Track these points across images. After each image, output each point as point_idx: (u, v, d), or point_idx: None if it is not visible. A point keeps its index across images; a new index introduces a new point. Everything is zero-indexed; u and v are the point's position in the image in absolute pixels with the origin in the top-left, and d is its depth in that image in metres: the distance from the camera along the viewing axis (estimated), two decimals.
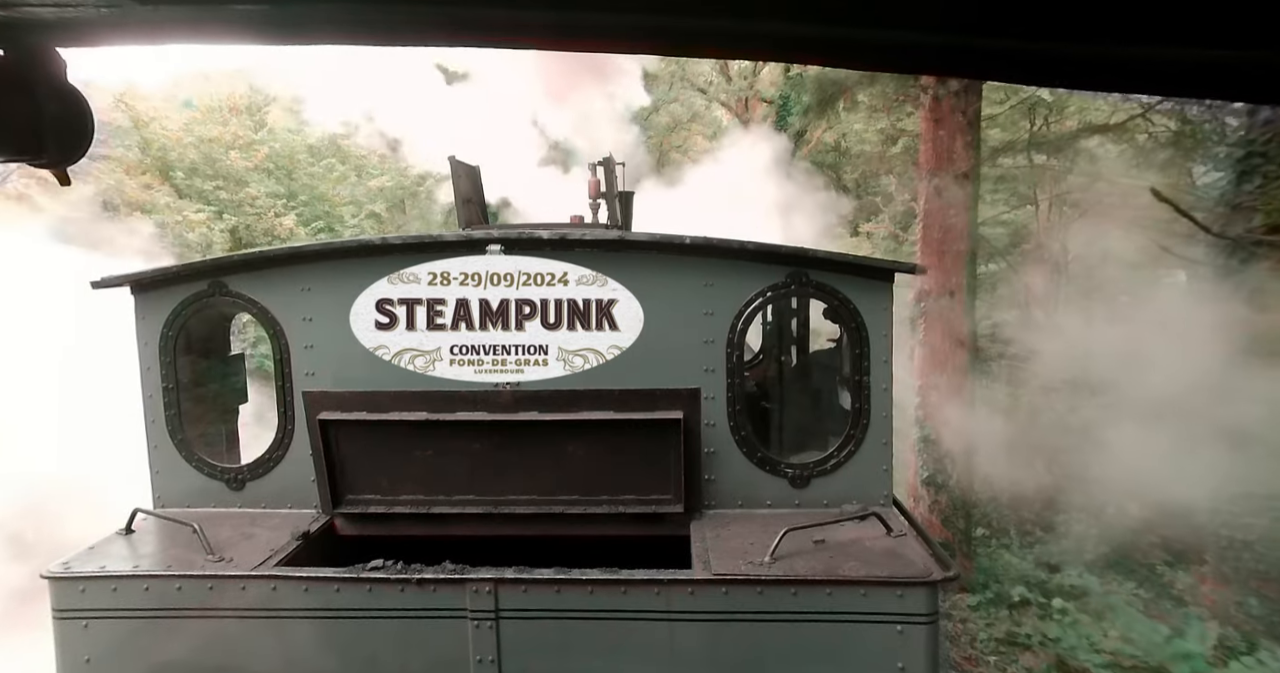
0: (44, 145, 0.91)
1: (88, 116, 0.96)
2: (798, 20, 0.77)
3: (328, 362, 4.14)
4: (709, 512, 4.06)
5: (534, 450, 4.03)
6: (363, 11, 0.85)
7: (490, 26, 0.85)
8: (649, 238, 4.13)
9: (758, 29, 0.80)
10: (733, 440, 4.07)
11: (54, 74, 0.91)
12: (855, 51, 0.91)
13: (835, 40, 0.82)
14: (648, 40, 0.91)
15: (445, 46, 0.91)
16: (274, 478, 4.25)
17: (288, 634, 3.44)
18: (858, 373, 4.04)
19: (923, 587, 3.25)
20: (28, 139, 0.91)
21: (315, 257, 4.15)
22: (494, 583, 3.36)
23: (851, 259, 4.12)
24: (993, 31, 0.76)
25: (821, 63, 0.96)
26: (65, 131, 0.94)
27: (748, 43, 0.90)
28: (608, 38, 0.89)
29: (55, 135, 0.92)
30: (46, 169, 0.96)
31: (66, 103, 0.93)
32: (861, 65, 1.03)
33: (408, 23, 0.87)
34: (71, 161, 0.97)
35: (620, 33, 0.84)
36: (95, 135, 0.96)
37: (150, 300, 4.24)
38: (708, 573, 3.36)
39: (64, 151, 0.94)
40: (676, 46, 0.94)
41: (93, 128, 0.98)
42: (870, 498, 4.01)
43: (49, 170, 0.96)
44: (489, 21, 0.83)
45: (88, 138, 0.97)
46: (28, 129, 0.90)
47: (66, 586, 3.51)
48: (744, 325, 4.05)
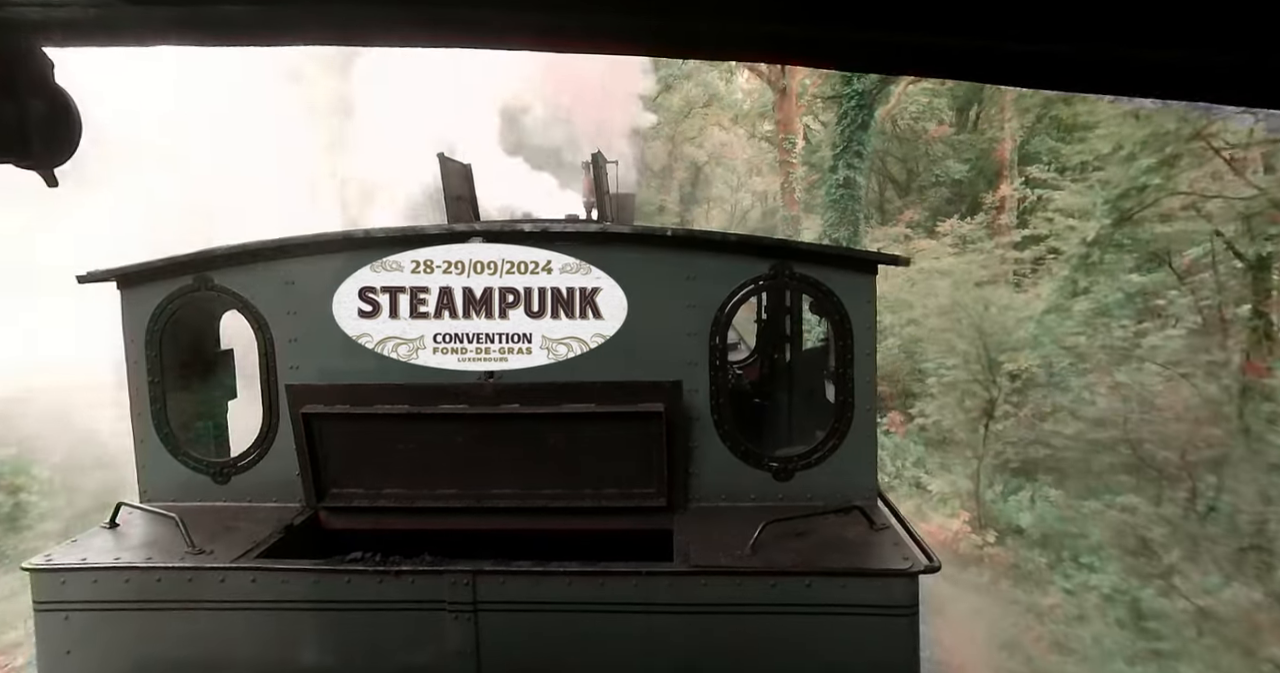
0: (30, 146, 0.91)
1: (75, 117, 0.96)
2: (792, 22, 0.77)
3: (311, 355, 4.13)
4: (692, 505, 4.08)
5: (516, 444, 4.04)
6: (353, 12, 0.85)
7: (481, 28, 0.85)
8: (631, 230, 4.15)
9: (753, 30, 0.80)
10: (716, 434, 4.09)
11: (41, 74, 0.90)
12: (855, 52, 0.91)
13: (828, 41, 0.82)
14: (637, 42, 0.91)
15: (438, 47, 0.91)
16: (259, 472, 4.24)
17: (267, 626, 3.43)
18: (842, 366, 4.07)
19: (902, 578, 3.28)
20: (14, 140, 0.90)
21: (299, 250, 4.14)
22: (472, 575, 3.36)
23: (835, 251, 4.14)
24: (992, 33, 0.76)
25: (814, 64, 0.97)
26: (52, 132, 0.93)
27: (741, 45, 0.91)
28: (597, 39, 0.90)
29: (42, 136, 0.92)
30: (33, 170, 0.95)
31: (54, 103, 0.93)
32: (864, 67, 1.04)
33: (399, 23, 0.87)
34: (59, 163, 0.96)
35: (610, 34, 0.84)
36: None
37: (136, 295, 4.21)
38: (686, 565, 3.38)
39: (51, 153, 0.94)
40: (668, 48, 0.95)
41: (80, 129, 0.97)
42: (855, 491, 4.02)
43: (35, 171, 0.96)
44: (481, 23, 0.84)
45: (75, 139, 0.97)
46: (14, 129, 0.90)
47: (47, 578, 3.49)
48: (728, 318, 4.07)
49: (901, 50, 0.84)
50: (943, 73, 0.98)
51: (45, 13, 0.85)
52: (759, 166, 35.55)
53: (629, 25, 0.80)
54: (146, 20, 0.88)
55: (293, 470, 4.10)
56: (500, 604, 3.37)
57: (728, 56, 1.03)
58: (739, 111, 30.63)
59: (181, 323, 4.30)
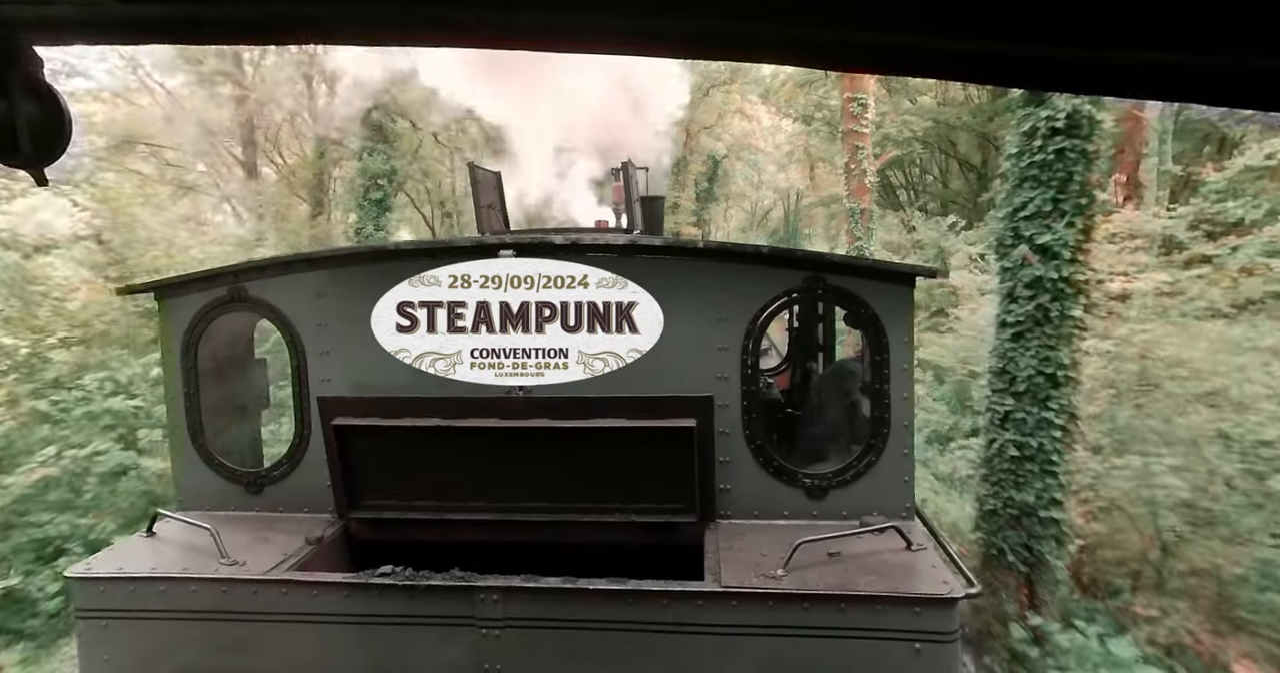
0: (19, 145, 0.91)
1: (65, 116, 0.96)
2: (791, 23, 0.75)
3: (345, 367, 4.16)
4: (723, 522, 3.99)
5: (547, 457, 4.00)
6: (347, 12, 0.83)
7: (478, 28, 0.83)
8: (663, 242, 4.11)
9: (750, 32, 0.78)
10: (747, 449, 4.00)
11: (30, 72, 0.90)
12: (854, 54, 0.89)
13: (832, 43, 0.80)
14: (635, 43, 0.88)
15: (433, 47, 0.89)
16: (291, 482, 4.28)
17: (298, 638, 3.45)
18: (878, 380, 3.95)
19: (942, 604, 3.14)
20: (4, 138, 0.90)
21: (331, 263, 4.19)
22: (501, 591, 3.34)
23: (870, 263, 4.05)
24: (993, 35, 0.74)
25: (817, 65, 0.94)
26: (42, 131, 0.93)
27: (742, 45, 0.88)
28: (595, 40, 0.87)
29: (31, 135, 0.92)
30: (22, 169, 0.95)
31: (43, 102, 0.93)
32: (865, 69, 1.00)
33: (394, 23, 0.85)
34: (48, 162, 0.96)
35: (607, 35, 0.83)
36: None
37: (174, 306, 4.31)
38: (717, 585, 3.29)
39: (40, 152, 0.94)
40: (665, 49, 0.92)
41: (70, 128, 0.97)
42: (891, 510, 3.90)
43: (25, 170, 0.96)
44: (477, 23, 0.82)
45: (65, 138, 0.97)
46: (4, 128, 0.90)
47: (88, 586, 3.57)
48: (760, 331, 3.99)
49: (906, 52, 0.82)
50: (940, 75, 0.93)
51: (35, 11, 0.85)
52: (789, 156, 32.66)
53: (630, 25, 0.79)
54: (136, 19, 0.87)
55: (323, 482, 4.13)
56: (529, 621, 3.34)
57: (728, 57, 1.03)
58: (767, 87, 27.57)
59: (216, 333, 4.38)
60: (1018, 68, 0.82)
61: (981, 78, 0.90)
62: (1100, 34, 0.71)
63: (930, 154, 24.75)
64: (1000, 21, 0.71)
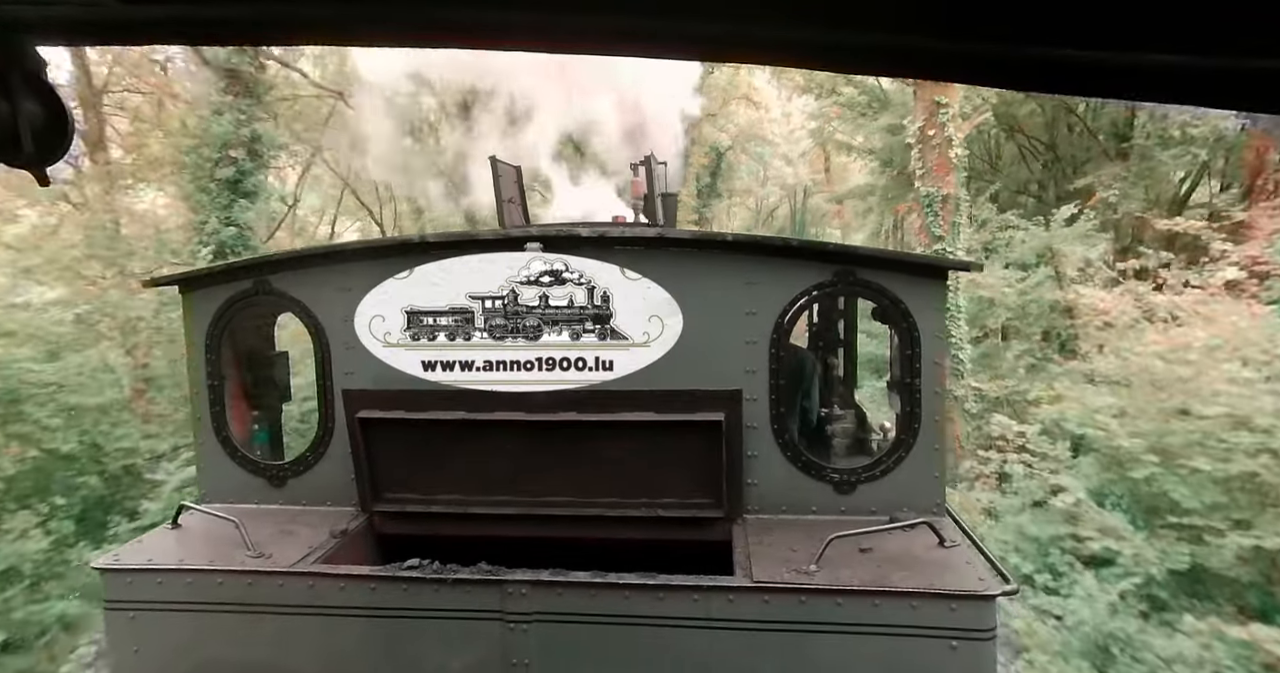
0: (21, 145, 0.90)
1: (67, 117, 0.94)
2: (791, 24, 0.74)
3: (368, 360, 4.15)
4: (751, 517, 3.95)
5: (572, 451, 3.97)
6: (347, 12, 0.81)
7: (479, 28, 0.82)
8: (689, 235, 4.03)
9: (749, 33, 0.77)
10: (775, 444, 3.95)
11: (32, 73, 0.89)
12: (854, 55, 0.88)
13: (832, 44, 0.79)
14: (635, 43, 0.87)
15: (434, 47, 0.89)
16: (314, 475, 4.29)
17: (324, 631, 3.46)
18: (908, 375, 3.87)
19: (978, 601, 3.08)
20: (6, 139, 0.89)
21: (354, 255, 4.16)
22: (529, 585, 3.32)
23: (902, 257, 3.96)
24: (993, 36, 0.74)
25: (818, 66, 0.93)
26: (44, 132, 0.92)
27: (743, 46, 0.86)
28: (592, 41, 0.87)
29: (33, 135, 0.90)
30: (25, 169, 0.94)
31: (45, 102, 0.91)
32: (865, 70, 0.97)
33: (392, 24, 0.84)
34: (50, 162, 0.95)
35: (605, 35, 0.82)
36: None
37: (198, 299, 4.32)
38: (748, 580, 3.24)
39: (42, 152, 0.93)
40: (665, 50, 0.91)
41: (72, 128, 0.95)
42: (921, 506, 3.83)
43: (27, 171, 0.95)
44: (478, 23, 0.81)
45: (67, 138, 0.95)
46: (6, 129, 0.89)
47: (116, 577, 3.61)
48: (789, 325, 3.92)
49: (906, 53, 0.82)
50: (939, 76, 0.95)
51: (38, 11, 0.84)
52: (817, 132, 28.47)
53: (629, 25, 0.78)
54: (140, 20, 0.85)
55: (347, 475, 4.13)
56: (556, 615, 3.32)
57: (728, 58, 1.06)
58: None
59: (240, 326, 4.38)
60: (1018, 69, 0.82)
61: (982, 79, 0.91)
62: (1100, 36, 0.71)
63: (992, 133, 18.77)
64: (1000, 23, 0.71)
